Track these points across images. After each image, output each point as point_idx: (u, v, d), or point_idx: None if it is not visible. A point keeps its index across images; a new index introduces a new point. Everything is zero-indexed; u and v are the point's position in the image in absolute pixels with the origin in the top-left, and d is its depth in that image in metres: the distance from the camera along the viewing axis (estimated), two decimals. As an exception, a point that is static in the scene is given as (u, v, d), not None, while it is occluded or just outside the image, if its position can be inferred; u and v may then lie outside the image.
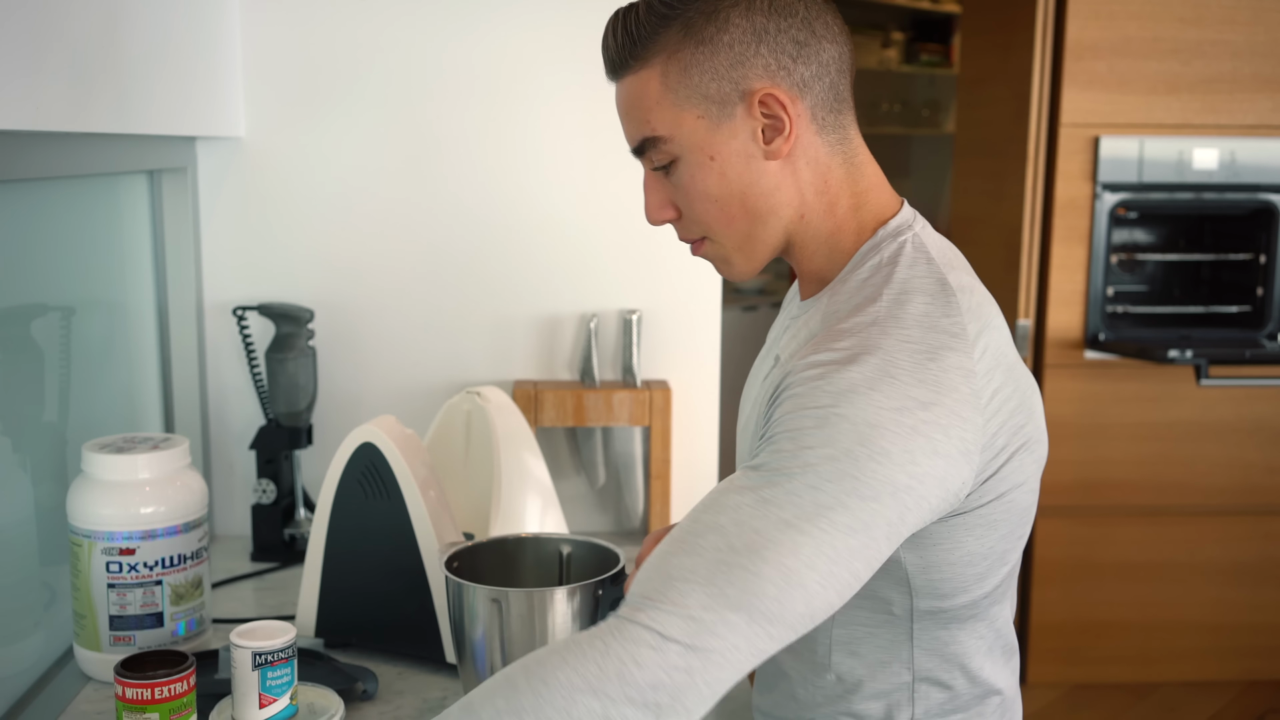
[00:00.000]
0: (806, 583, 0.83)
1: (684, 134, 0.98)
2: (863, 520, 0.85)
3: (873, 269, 0.97)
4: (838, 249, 1.01)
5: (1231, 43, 2.99)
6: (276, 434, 1.71)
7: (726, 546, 0.84)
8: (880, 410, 0.86)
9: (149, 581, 1.28)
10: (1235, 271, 3.21)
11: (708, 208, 1.00)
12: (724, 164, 0.98)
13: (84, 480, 1.29)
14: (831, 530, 0.84)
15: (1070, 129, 3.01)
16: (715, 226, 1.01)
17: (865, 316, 0.92)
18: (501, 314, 1.82)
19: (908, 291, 0.94)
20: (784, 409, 0.89)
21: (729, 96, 0.96)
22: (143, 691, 1.06)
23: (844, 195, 1.01)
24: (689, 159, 0.98)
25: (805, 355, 0.92)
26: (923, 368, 0.88)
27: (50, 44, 1.07)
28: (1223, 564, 3.23)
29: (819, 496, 0.85)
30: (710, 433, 1.88)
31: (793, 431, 0.87)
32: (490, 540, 1.24)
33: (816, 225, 1.01)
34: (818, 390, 0.87)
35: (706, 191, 0.99)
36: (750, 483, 0.88)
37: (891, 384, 0.87)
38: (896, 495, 0.86)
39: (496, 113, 1.77)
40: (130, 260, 1.68)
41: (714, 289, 1.85)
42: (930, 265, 0.96)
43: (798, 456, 0.86)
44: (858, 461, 0.85)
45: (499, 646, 1.12)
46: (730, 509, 0.87)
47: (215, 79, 1.63)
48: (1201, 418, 3.15)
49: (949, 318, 0.92)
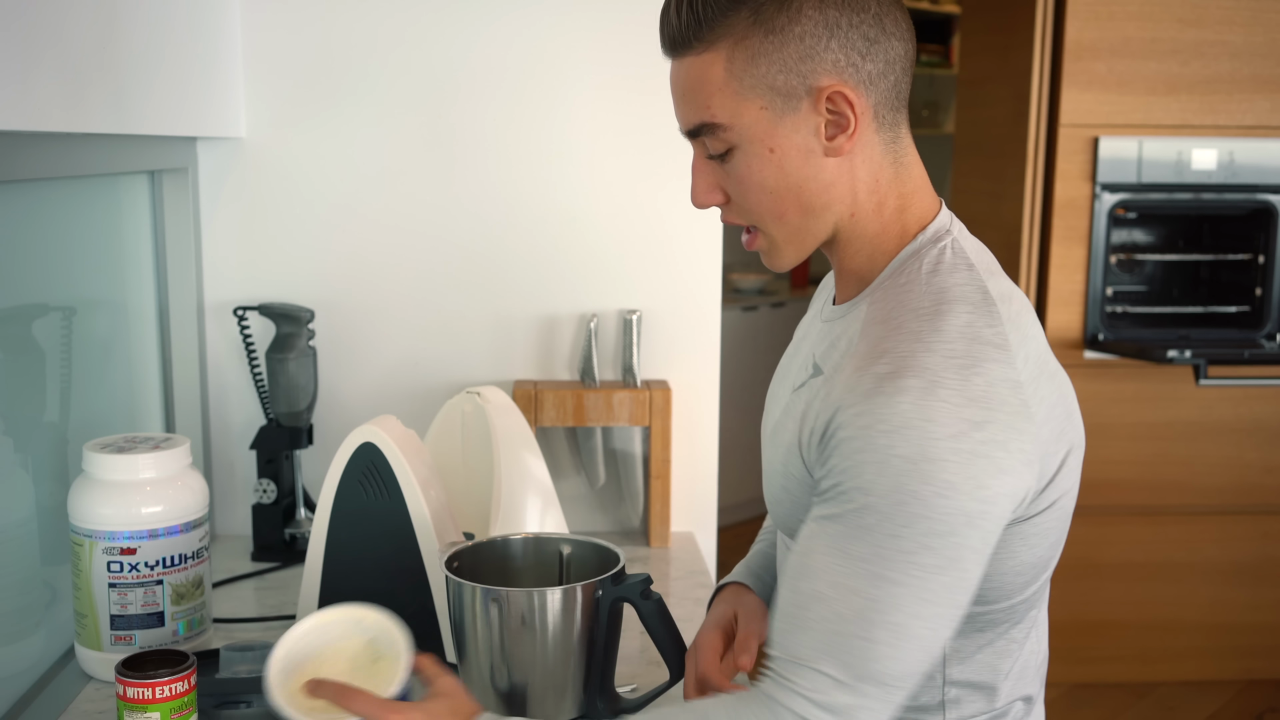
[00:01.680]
0: (917, 633, 0.87)
1: (745, 124, 0.95)
2: (948, 556, 0.86)
3: (912, 275, 0.96)
4: (880, 250, 0.99)
5: (1230, 43, 2.99)
6: (277, 434, 1.71)
7: (834, 615, 0.87)
8: (935, 442, 0.85)
9: (150, 581, 1.28)
10: (1234, 272, 3.21)
11: (761, 199, 0.97)
12: (783, 157, 0.95)
13: (85, 480, 1.29)
14: (923, 575, 0.86)
15: (1069, 129, 3.01)
16: (767, 218, 0.99)
17: (906, 332, 0.91)
18: (501, 314, 1.82)
19: (949, 301, 0.92)
20: (843, 456, 0.89)
21: (795, 90, 0.93)
22: (144, 691, 1.07)
23: (891, 196, 0.99)
24: (747, 149, 0.96)
25: (850, 382, 0.90)
26: (969, 383, 0.87)
27: (50, 44, 1.07)
28: (1221, 563, 3.23)
29: (900, 543, 0.85)
30: (710, 433, 1.88)
31: (858, 481, 0.87)
32: (490, 540, 1.25)
33: (864, 225, 0.99)
34: (870, 433, 0.86)
35: (763, 183, 0.96)
36: (833, 540, 0.88)
37: (941, 408, 0.86)
38: (972, 523, 0.86)
39: (496, 112, 1.78)
40: (131, 260, 1.69)
41: (714, 289, 1.85)
42: (971, 272, 0.95)
43: (869, 508, 0.86)
44: (926, 501, 0.85)
45: (499, 646, 1.12)
46: (823, 573, 0.88)
47: (216, 79, 1.63)
48: (1200, 418, 3.15)
49: (991, 328, 0.91)
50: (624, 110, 1.78)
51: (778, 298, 4.73)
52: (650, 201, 1.81)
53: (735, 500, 4.43)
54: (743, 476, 4.39)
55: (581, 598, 1.13)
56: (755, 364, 4.57)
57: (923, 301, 0.93)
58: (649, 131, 1.79)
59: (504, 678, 1.13)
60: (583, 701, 1.15)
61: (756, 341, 4.58)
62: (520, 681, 1.13)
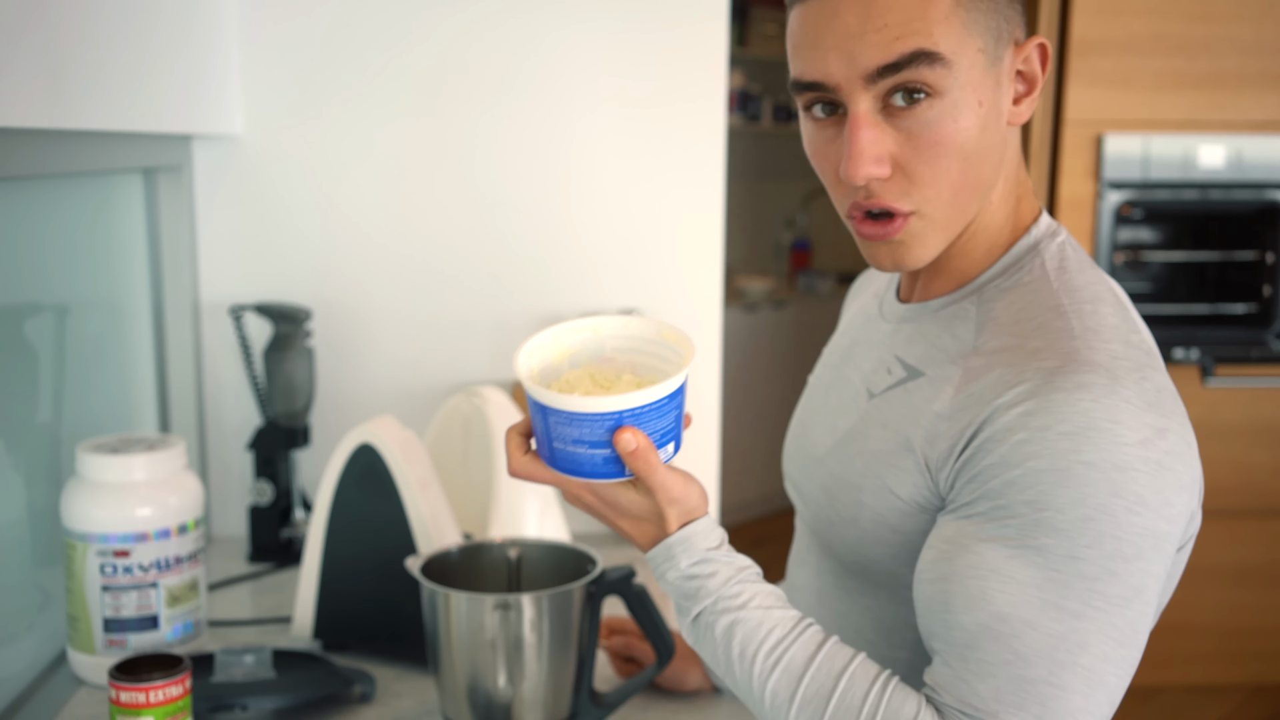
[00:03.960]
0: (1106, 679, 0.75)
1: (964, 64, 0.79)
2: (1133, 585, 0.75)
3: (1037, 273, 0.85)
4: (996, 244, 0.88)
5: (1238, 39, 2.97)
6: (274, 434, 1.70)
7: (1016, 658, 0.75)
8: (1126, 448, 0.73)
9: (144, 584, 1.27)
10: (1241, 270, 3.19)
11: (951, 166, 0.81)
12: (988, 114, 0.81)
13: (78, 481, 1.27)
14: (1107, 607, 0.74)
15: (1075, 126, 2.99)
16: (944, 192, 0.82)
17: (1056, 330, 0.80)
18: (501, 314, 1.81)
19: (1091, 301, 0.82)
20: (1007, 463, 0.76)
21: (1003, 38, 0.81)
22: (137, 695, 1.05)
23: (1017, 183, 0.88)
24: (957, 97, 0.79)
25: (1005, 377, 0.78)
26: (1141, 387, 0.76)
27: (44, 40, 1.05)
28: (1229, 566, 3.21)
29: (1081, 567, 0.74)
30: (711, 433, 1.86)
31: (1030, 493, 0.75)
32: (467, 545, 1.23)
33: (992, 213, 0.87)
34: (1048, 434, 0.74)
35: (963, 145, 0.80)
36: (997, 559, 0.76)
37: (1126, 409, 0.74)
38: (1159, 546, 0.75)
39: (496, 112, 1.76)
40: (126, 259, 1.67)
41: (714, 289, 1.83)
42: (1097, 272, 0.86)
43: (1044, 524, 0.74)
44: (1115, 516, 0.73)
45: (502, 653, 1.10)
46: (992, 601, 0.75)
47: (212, 76, 1.62)
48: (1207, 418, 3.13)
49: (1137, 334, 0.81)
50: (625, 110, 1.77)
51: (778, 298, 4.72)
52: (651, 201, 1.79)
53: (735, 500, 4.42)
54: (743, 477, 4.38)
55: (579, 598, 1.11)
56: (757, 365, 4.55)
57: (1061, 300, 0.82)
58: (650, 131, 1.77)
59: (497, 686, 1.11)
60: (572, 702, 1.14)
61: (757, 342, 4.56)
62: (516, 688, 1.11)
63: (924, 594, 0.80)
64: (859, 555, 0.90)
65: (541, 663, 1.10)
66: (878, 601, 0.91)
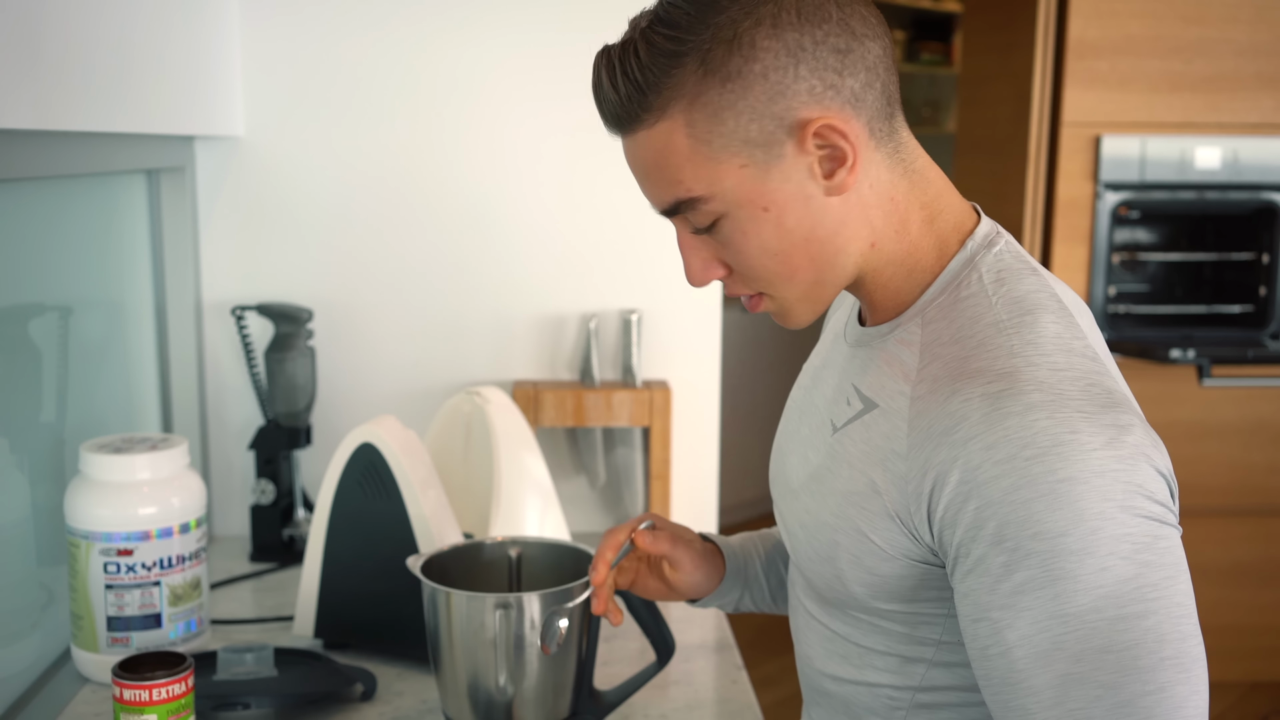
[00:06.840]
0: (1193, 652, 0.75)
1: (727, 189, 0.82)
2: (1169, 563, 0.75)
3: (974, 286, 0.85)
4: (916, 269, 0.88)
5: (1234, 41, 2.98)
6: (275, 434, 1.70)
7: (1105, 690, 0.73)
8: (1095, 453, 0.73)
9: (147, 582, 1.28)
10: (1238, 271, 3.20)
11: (767, 264, 0.85)
12: (780, 213, 0.83)
13: (82, 481, 1.28)
14: (1160, 595, 0.74)
15: (1072, 128, 3.00)
16: (776, 281, 0.86)
17: (994, 347, 0.80)
18: (501, 314, 1.81)
19: (1030, 311, 0.81)
20: (987, 497, 0.75)
21: (774, 136, 0.81)
22: (140, 693, 1.05)
23: (913, 210, 0.87)
24: (738, 214, 0.83)
25: (952, 411, 0.78)
26: (1090, 394, 0.76)
27: (47, 42, 1.06)
28: (1224, 565, 3.22)
29: (1114, 572, 0.73)
30: (711, 433, 1.87)
31: (1028, 524, 0.73)
32: (464, 545, 1.23)
33: (889, 250, 0.87)
34: (1015, 462, 0.74)
35: (764, 247, 0.84)
36: (1041, 611, 0.74)
37: (1080, 419, 0.74)
38: (1165, 523, 0.75)
39: (496, 112, 1.77)
40: (128, 260, 1.68)
41: (714, 289, 1.84)
42: (1038, 278, 0.85)
43: (1057, 550, 0.73)
44: (1116, 518, 0.73)
45: (504, 654, 1.11)
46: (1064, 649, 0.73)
47: (214, 78, 1.63)
48: (1204, 418, 3.14)
49: (1081, 339, 0.81)
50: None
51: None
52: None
53: (735, 500, 4.42)
54: (743, 477, 4.38)
55: (578, 597, 1.12)
56: (756, 364, 4.56)
57: (999, 314, 0.82)
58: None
59: (497, 685, 1.12)
60: (572, 701, 1.14)
61: (757, 341, 4.57)
62: (516, 687, 1.12)
63: (990, 677, 0.78)
64: (837, 592, 0.90)
65: (542, 662, 1.11)
66: (859, 630, 0.91)
